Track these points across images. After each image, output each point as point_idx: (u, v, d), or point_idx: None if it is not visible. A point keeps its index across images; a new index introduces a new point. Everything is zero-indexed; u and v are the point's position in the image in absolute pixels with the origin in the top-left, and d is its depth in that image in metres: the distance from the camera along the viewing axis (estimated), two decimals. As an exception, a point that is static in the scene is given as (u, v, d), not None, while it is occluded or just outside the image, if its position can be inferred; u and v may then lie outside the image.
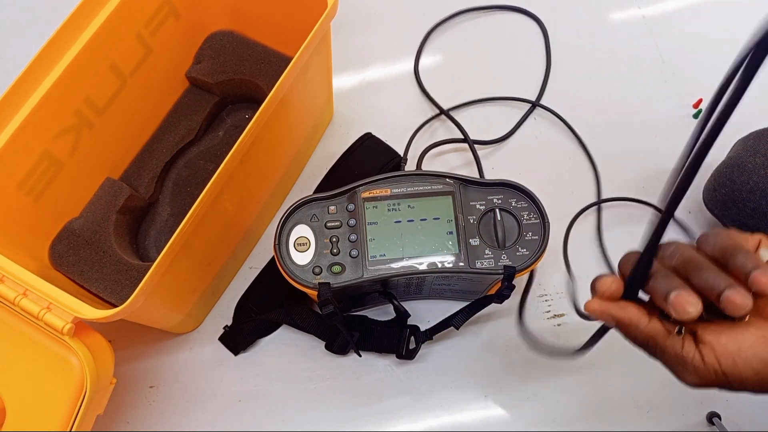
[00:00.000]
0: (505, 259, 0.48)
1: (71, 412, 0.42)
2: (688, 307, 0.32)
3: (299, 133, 0.63)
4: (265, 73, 0.62)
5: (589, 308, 0.37)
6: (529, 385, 0.60)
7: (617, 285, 0.36)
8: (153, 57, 0.58)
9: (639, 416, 0.58)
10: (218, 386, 0.60)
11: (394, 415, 0.59)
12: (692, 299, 0.33)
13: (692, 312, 0.32)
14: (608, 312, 0.36)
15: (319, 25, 0.49)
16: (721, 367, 0.34)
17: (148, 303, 0.45)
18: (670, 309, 0.33)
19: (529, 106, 0.71)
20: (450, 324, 0.55)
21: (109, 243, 0.55)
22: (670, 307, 0.33)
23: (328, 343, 0.59)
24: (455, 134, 0.69)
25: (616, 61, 0.74)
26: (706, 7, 0.76)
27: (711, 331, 0.34)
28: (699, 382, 0.35)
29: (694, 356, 0.34)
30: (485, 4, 0.76)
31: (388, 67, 0.74)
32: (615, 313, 0.36)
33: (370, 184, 0.50)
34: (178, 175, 0.64)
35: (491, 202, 0.50)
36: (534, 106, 0.70)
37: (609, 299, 0.37)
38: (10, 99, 0.47)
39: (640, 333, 0.36)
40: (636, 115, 0.71)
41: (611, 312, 0.36)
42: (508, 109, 0.71)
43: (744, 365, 0.33)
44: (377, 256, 0.48)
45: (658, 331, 0.35)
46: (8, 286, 0.42)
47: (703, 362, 0.34)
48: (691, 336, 0.35)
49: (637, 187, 0.67)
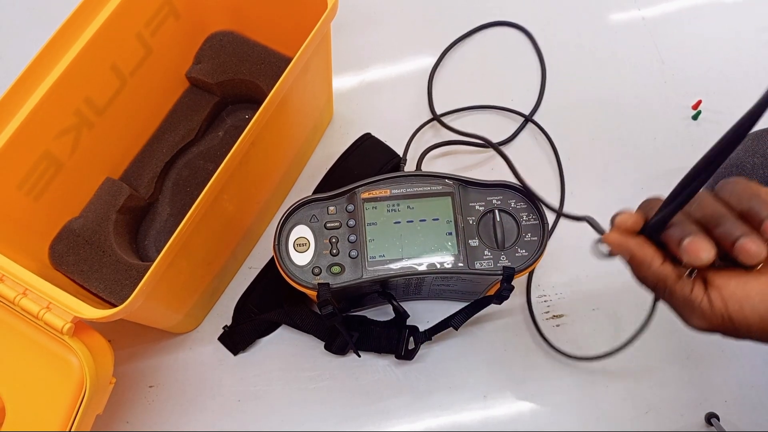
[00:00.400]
0: (504, 260, 0.48)
1: (71, 411, 0.42)
2: (701, 253, 0.33)
3: (299, 133, 0.63)
4: (265, 74, 0.62)
5: (608, 239, 0.37)
6: (529, 385, 0.60)
7: (634, 221, 0.37)
8: (153, 57, 0.58)
9: (638, 416, 0.58)
10: (218, 386, 0.60)
11: (393, 415, 0.59)
12: (706, 245, 0.33)
13: (704, 258, 0.33)
14: (626, 246, 0.37)
15: (319, 26, 0.49)
16: (727, 311, 0.34)
17: (147, 303, 0.45)
18: (684, 254, 0.33)
19: (528, 110, 0.71)
20: (449, 324, 0.55)
21: (109, 243, 0.55)
22: (684, 252, 0.33)
23: (328, 343, 0.59)
24: (454, 136, 0.69)
25: (616, 62, 0.74)
26: (706, 8, 0.76)
27: (721, 277, 0.35)
28: (705, 326, 0.35)
29: (703, 299, 0.35)
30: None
31: (388, 67, 0.74)
32: (632, 247, 0.36)
33: (370, 185, 0.50)
34: (178, 175, 0.64)
35: (490, 203, 0.50)
36: (527, 121, 0.70)
37: (624, 233, 0.37)
38: (10, 99, 0.47)
39: (652, 273, 0.36)
40: (636, 115, 0.71)
41: (629, 246, 0.37)
42: (506, 117, 0.71)
43: (751, 311, 0.33)
44: (377, 257, 0.48)
45: (669, 273, 0.36)
46: (8, 286, 0.42)
47: (710, 306, 0.34)
48: (702, 281, 0.35)
49: (636, 188, 0.67)
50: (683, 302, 0.36)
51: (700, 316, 0.35)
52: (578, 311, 0.62)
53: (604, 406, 0.59)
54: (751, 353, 0.60)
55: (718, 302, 0.34)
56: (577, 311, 0.62)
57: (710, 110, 0.70)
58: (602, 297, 0.63)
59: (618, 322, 0.62)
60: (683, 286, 0.35)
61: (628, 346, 0.49)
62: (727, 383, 0.59)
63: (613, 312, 0.62)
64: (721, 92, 0.71)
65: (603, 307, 0.63)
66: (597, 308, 0.63)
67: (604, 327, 0.62)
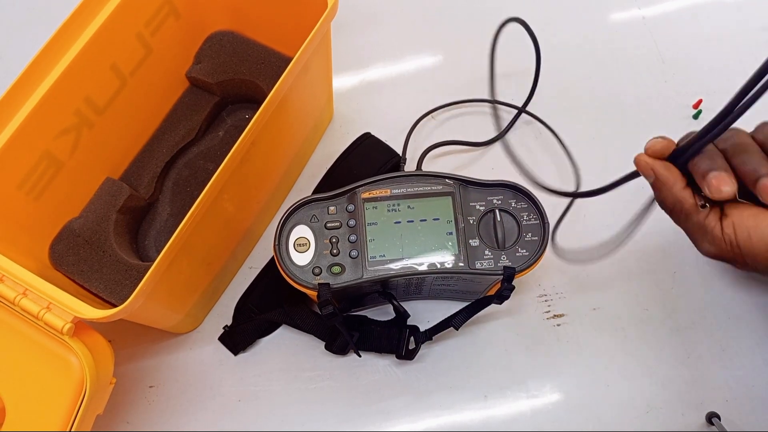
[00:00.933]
0: (504, 260, 0.48)
1: (71, 412, 0.42)
2: (723, 187, 0.35)
3: (299, 133, 0.63)
4: (265, 74, 0.62)
5: (638, 160, 0.41)
6: (529, 385, 0.60)
7: (662, 146, 0.40)
8: (153, 57, 0.58)
9: (638, 416, 0.58)
10: (218, 386, 0.60)
11: (393, 415, 0.59)
12: (728, 181, 0.35)
13: (726, 193, 0.35)
14: (653, 167, 0.40)
15: (319, 26, 0.49)
16: (736, 238, 0.36)
17: (148, 303, 0.45)
18: (706, 186, 0.36)
19: (520, 105, 0.71)
20: (450, 324, 0.55)
21: (109, 243, 0.55)
22: (707, 184, 0.36)
23: (328, 343, 0.59)
24: (453, 136, 0.69)
25: (616, 62, 0.74)
26: (707, 7, 0.76)
27: (737, 209, 0.37)
28: (714, 251, 0.38)
29: (715, 226, 0.37)
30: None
31: (388, 67, 0.74)
32: (658, 169, 0.39)
33: (370, 185, 0.50)
34: (178, 175, 0.64)
35: (491, 202, 0.50)
36: (520, 112, 0.70)
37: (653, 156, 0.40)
38: (10, 99, 0.47)
39: (672, 195, 0.39)
40: (636, 115, 0.71)
41: (656, 167, 0.39)
42: (502, 113, 0.71)
43: (758, 240, 0.35)
44: (377, 257, 0.48)
45: (688, 198, 0.38)
46: (8, 286, 0.42)
47: (721, 232, 0.37)
48: (717, 210, 0.38)
49: (637, 188, 0.67)
50: (697, 226, 0.38)
51: (711, 242, 0.38)
52: (578, 311, 0.62)
53: (604, 406, 0.59)
54: (752, 352, 0.60)
55: (729, 229, 0.36)
56: (577, 311, 0.62)
57: (711, 109, 0.70)
58: (602, 297, 0.63)
59: (618, 322, 0.62)
60: (699, 212, 0.38)
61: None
62: (728, 383, 0.59)
63: (613, 312, 0.62)
64: (722, 91, 0.71)
65: (603, 307, 0.63)
66: (597, 308, 0.62)
67: (604, 327, 0.62)
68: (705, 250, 0.39)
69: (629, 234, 0.50)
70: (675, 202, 0.39)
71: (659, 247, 0.64)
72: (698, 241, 0.39)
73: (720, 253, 0.38)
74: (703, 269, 0.63)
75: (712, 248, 0.38)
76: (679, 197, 0.39)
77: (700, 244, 0.39)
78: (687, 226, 0.40)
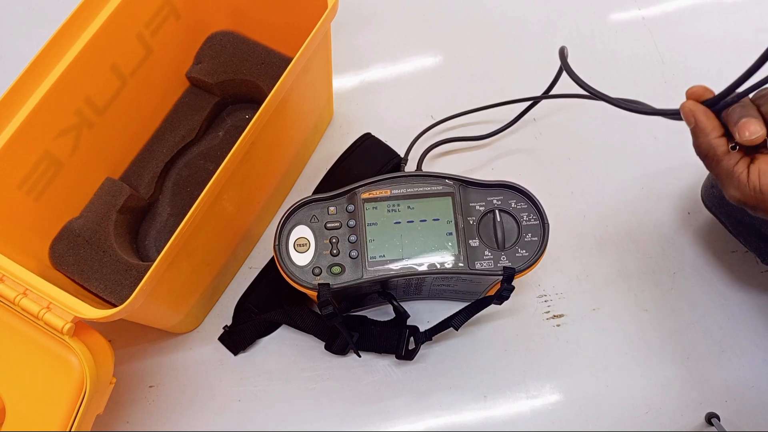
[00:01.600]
0: (504, 260, 0.48)
1: (71, 411, 0.42)
2: (752, 129, 0.39)
3: (299, 133, 0.63)
4: (266, 74, 0.62)
5: (683, 106, 0.44)
6: (529, 385, 0.60)
7: (702, 91, 0.43)
8: (153, 57, 0.58)
9: (638, 416, 0.58)
10: (218, 386, 0.60)
11: (393, 416, 0.59)
12: (757, 127, 0.39)
13: (753, 135, 0.39)
14: (695, 112, 0.43)
15: (319, 26, 0.49)
16: (760, 184, 0.40)
17: (148, 303, 0.45)
18: (737, 130, 0.39)
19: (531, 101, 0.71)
20: (449, 325, 0.55)
21: (109, 243, 0.55)
22: (738, 128, 0.39)
23: (328, 343, 0.59)
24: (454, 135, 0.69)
25: (616, 62, 0.74)
26: (706, 8, 0.76)
27: (765, 158, 0.40)
28: (739, 196, 0.41)
29: (742, 172, 0.41)
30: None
31: (388, 67, 0.74)
32: (699, 115, 0.42)
33: (370, 185, 0.50)
34: (178, 175, 0.64)
35: (491, 203, 0.50)
36: (534, 104, 0.70)
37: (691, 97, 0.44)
38: (10, 99, 0.47)
39: (707, 141, 0.42)
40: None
41: (696, 113, 0.43)
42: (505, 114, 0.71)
43: None
44: (377, 257, 0.48)
45: (722, 145, 0.42)
46: (8, 286, 0.42)
47: (747, 178, 0.40)
48: (748, 159, 0.41)
49: (637, 188, 0.67)
50: (726, 172, 0.42)
51: (736, 187, 0.41)
52: (578, 311, 0.62)
53: (604, 406, 0.59)
54: (752, 353, 0.60)
55: (755, 175, 0.40)
56: (577, 311, 0.62)
57: (710, 110, 0.70)
58: (602, 297, 0.63)
59: (618, 322, 0.62)
60: (729, 158, 0.41)
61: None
62: (727, 383, 0.59)
63: (613, 312, 0.62)
64: (721, 92, 0.71)
65: (603, 307, 0.63)
66: (597, 308, 0.63)
67: (604, 327, 0.62)
68: (731, 195, 0.42)
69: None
70: (709, 148, 0.42)
71: (659, 247, 0.65)
72: (726, 186, 0.42)
73: (744, 198, 0.41)
74: (703, 269, 0.64)
75: (737, 193, 0.41)
76: (713, 144, 0.42)
77: (727, 189, 0.42)
78: (717, 172, 0.42)
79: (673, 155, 0.68)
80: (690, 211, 0.66)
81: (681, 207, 0.66)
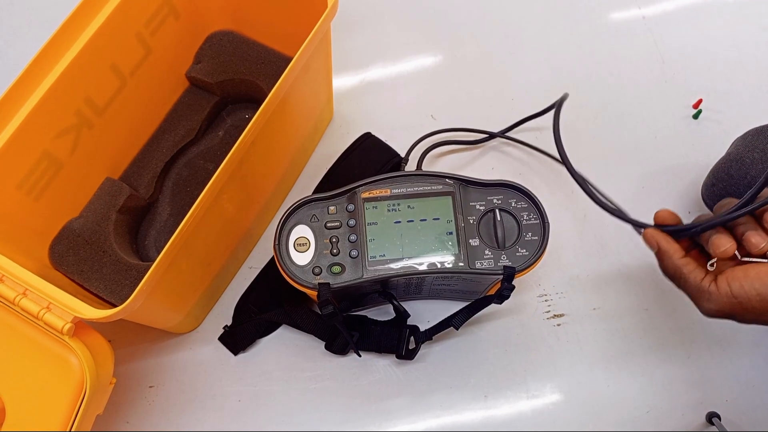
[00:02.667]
0: (504, 260, 0.48)
1: (71, 411, 0.42)
2: (722, 245, 0.42)
3: (299, 133, 0.63)
4: (265, 73, 0.62)
5: (646, 232, 0.47)
6: (529, 385, 0.60)
7: (667, 215, 0.47)
8: (153, 57, 0.58)
9: (639, 416, 0.58)
10: (218, 386, 0.60)
11: (394, 415, 0.59)
12: (726, 239, 0.42)
13: (723, 249, 0.42)
14: (657, 239, 0.47)
15: (319, 25, 0.49)
16: (730, 289, 0.42)
17: (147, 303, 0.45)
18: (710, 246, 0.43)
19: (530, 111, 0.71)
20: (450, 324, 0.55)
21: (109, 243, 0.55)
22: (710, 245, 0.43)
23: (328, 343, 0.59)
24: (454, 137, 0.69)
25: (616, 61, 0.74)
26: (707, 7, 0.76)
27: (730, 267, 0.43)
28: (714, 307, 0.43)
29: (711, 284, 0.43)
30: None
31: (388, 67, 0.74)
32: (660, 241, 0.46)
33: (370, 185, 0.50)
34: (178, 175, 0.64)
35: (491, 202, 0.50)
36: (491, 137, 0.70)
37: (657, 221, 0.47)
38: (10, 99, 0.47)
39: (672, 263, 0.46)
40: (636, 115, 0.71)
41: (658, 240, 0.46)
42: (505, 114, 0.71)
43: (749, 287, 0.41)
44: (377, 257, 0.48)
45: (686, 264, 0.45)
46: (8, 286, 0.42)
47: (717, 288, 0.42)
48: (712, 274, 0.44)
49: (637, 187, 0.67)
50: (695, 288, 0.44)
51: (708, 299, 0.43)
52: (578, 311, 0.62)
53: (604, 406, 0.59)
54: (752, 352, 0.60)
55: (723, 284, 0.42)
56: (577, 311, 0.62)
57: (711, 109, 0.70)
58: (602, 297, 0.63)
59: (618, 322, 0.62)
60: (696, 275, 0.44)
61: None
62: (728, 383, 0.59)
63: (613, 312, 0.62)
64: (721, 91, 0.71)
65: (603, 307, 0.63)
66: (597, 308, 0.62)
67: (604, 327, 0.62)
68: (707, 309, 0.44)
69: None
70: (675, 269, 0.45)
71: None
72: (699, 302, 0.44)
73: (721, 307, 0.43)
74: (703, 269, 0.64)
75: (712, 305, 0.43)
76: (678, 264, 0.45)
77: (702, 304, 0.44)
78: (687, 289, 0.45)
79: (673, 154, 0.68)
80: (690, 210, 0.66)
81: (682, 206, 0.66)
